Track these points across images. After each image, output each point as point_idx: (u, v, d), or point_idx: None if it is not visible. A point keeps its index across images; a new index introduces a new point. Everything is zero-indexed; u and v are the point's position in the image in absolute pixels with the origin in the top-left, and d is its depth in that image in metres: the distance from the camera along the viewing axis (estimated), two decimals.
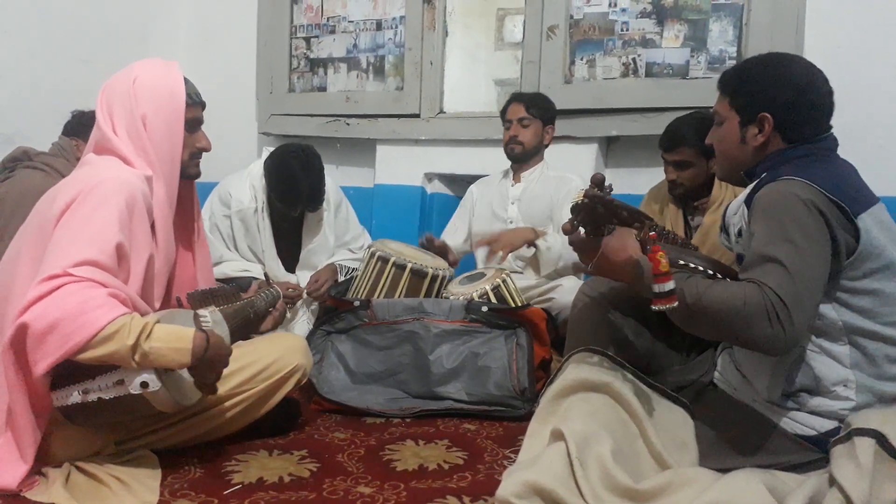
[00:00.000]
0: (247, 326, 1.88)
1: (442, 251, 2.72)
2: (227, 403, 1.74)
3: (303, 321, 2.82)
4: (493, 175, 3.03)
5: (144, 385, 1.44)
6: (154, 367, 1.44)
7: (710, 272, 1.46)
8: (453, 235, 2.98)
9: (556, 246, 2.55)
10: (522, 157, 2.85)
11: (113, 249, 1.49)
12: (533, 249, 2.62)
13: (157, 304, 1.70)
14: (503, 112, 2.90)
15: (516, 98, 2.89)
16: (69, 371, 1.45)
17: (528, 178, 2.86)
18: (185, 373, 1.53)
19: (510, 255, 2.66)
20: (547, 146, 2.88)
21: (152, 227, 1.67)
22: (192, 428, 1.72)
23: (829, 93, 1.49)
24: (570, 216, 1.54)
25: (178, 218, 1.79)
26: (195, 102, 1.73)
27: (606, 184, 1.50)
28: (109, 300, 1.43)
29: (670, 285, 1.36)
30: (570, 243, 1.63)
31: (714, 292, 1.35)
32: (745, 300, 1.31)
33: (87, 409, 1.48)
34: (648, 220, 1.48)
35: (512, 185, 2.89)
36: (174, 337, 1.47)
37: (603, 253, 1.49)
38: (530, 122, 2.81)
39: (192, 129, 1.73)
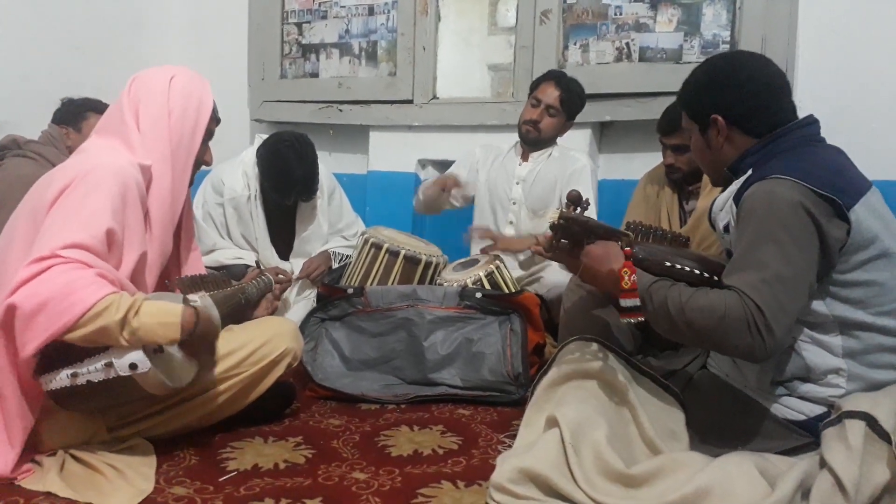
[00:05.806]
0: (237, 313, 1.87)
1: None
2: (217, 388, 1.72)
3: (300, 305, 2.81)
4: (500, 145, 2.93)
5: (133, 367, 1.43)
6: (143, 343, 1.44)
7: (698, 272, 1.47)
8: None
9: None
10: (535, 144, 2.77)
11: (103, 234, 1.50)
12: (529, 252, 2.62)
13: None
14: (534, 86, 2.74)
15: (556, 80, 2.68)
16: (58, 354, 1.45)
17: (536, 159, 2.79)
18: (175, 353, 1.52)
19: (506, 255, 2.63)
20: (560, 137, 2.81)
21: (146, 215, 1.66)
22: (183, 415, 1.71)
23: (771, 82, 1.49)
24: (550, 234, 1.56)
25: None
26: (215, 118, 1.81)
27: (584, 198, 1.52)
28: (97, 280, 1.43)
29: (634, 301, 1.41)
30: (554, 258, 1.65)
31: (695, 303, 1.36)
32: (725, 311, 1.32)
33: (76, 394, 1.47)
34: (625, 235, 1.50)
35: (519, 164, 2.81)
36: (163, 312, 1.47)
37: (586, 263, 1.51)
38: (557, 113, 2.69)
39: (206, 140, 1.80)
